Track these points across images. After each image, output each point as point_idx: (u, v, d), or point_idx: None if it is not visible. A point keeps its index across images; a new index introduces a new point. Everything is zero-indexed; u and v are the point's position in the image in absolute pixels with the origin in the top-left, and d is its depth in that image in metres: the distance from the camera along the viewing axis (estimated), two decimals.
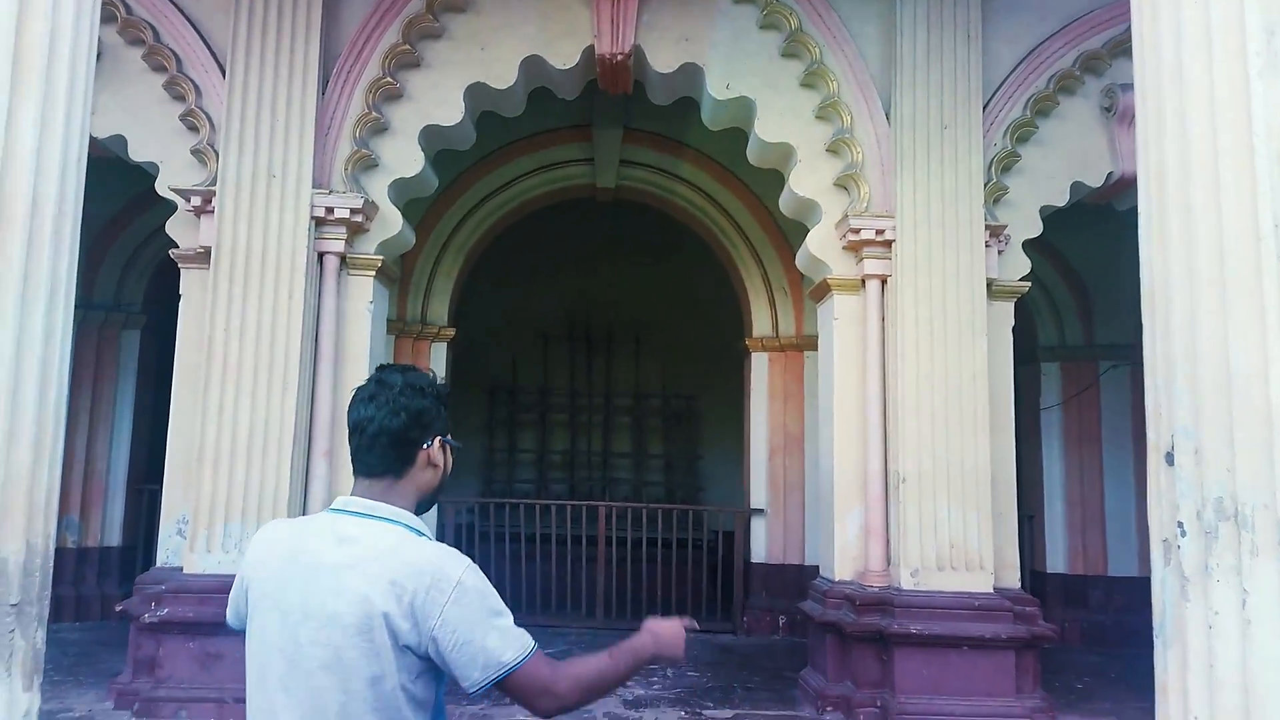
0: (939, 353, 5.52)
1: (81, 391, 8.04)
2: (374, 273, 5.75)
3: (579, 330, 12.02)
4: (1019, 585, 5.70)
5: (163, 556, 5.44)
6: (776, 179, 6.22)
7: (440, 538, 8.30)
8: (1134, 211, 2.41)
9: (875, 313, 5.73)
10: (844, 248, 5.84)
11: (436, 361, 8.35)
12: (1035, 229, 5.91)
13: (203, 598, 4.99)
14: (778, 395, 8.38)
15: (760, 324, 8.55)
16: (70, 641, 6.93)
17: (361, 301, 5.72)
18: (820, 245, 5.88)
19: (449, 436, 1.82)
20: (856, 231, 5.64)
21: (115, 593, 7.67)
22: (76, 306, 7.03)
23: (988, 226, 5.65)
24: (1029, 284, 5.92)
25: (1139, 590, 8.42)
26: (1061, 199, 5.95)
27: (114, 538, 8.11)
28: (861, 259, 5.74)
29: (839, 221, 5.81)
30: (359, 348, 5.67)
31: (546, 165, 8.42)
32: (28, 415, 1.99)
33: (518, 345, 11.83)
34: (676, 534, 8.66)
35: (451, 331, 8.41)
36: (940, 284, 5.57)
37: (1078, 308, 8.64)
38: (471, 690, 1.61)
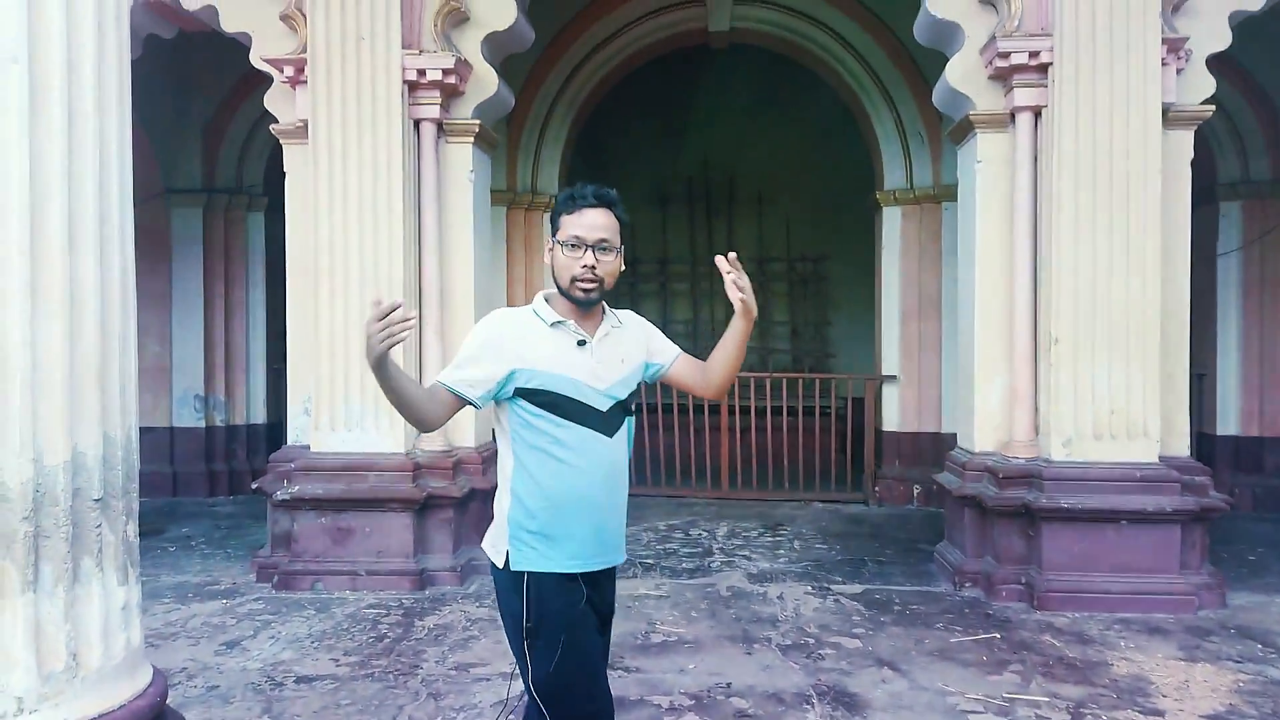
0: (1103, 195, 4.82)
1: (214, 276, 8.26)
2: (472, 139, 5.45)
3: (698, 192, 11.51)
4: (1188, 453, 5.12)
5: (292, 435, 5.54)
6: (914, 6, 5.47)
7: None
8: None
9: (1026, 152, 5.04)
10: (990, 77, 5.12)
11: (549, 233, 8.10)
12: (1223, 40, 4.99)
13: (331, 475, 5.07)
14: (912, 253, 7.75)
15: (893, 175, 7.85)
16: (224, 515, 7.35)
17: (461, 170, 5.46)
18: (962, 75, 5.17)
19: (554, 238, 2.14)
20: (1005, 56, 4.90)
21: (263, 468, 8.05)
22: (199, 190, 7.08)
23: (1165, 40, 4.79)
24: (1212, 108, 5.04)
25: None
26: (1257, 3, 4.98)
27: (259, 415, 8.46)
28: (1011, 89, 5.01)
29: (984, 46, 5.07)
30: (462, 220, 5.45)
31: (655, 10, 7.78)
32: (90, 299, 1.81)
33: (634, 212, 11.29)
34: (803, 402, 8.33)
35: None
36: (1106, 113, 4.80)
37: (1266, 136, 7.49)
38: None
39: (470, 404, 2.08)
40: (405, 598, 4.85)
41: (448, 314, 5.41)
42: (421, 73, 5.18)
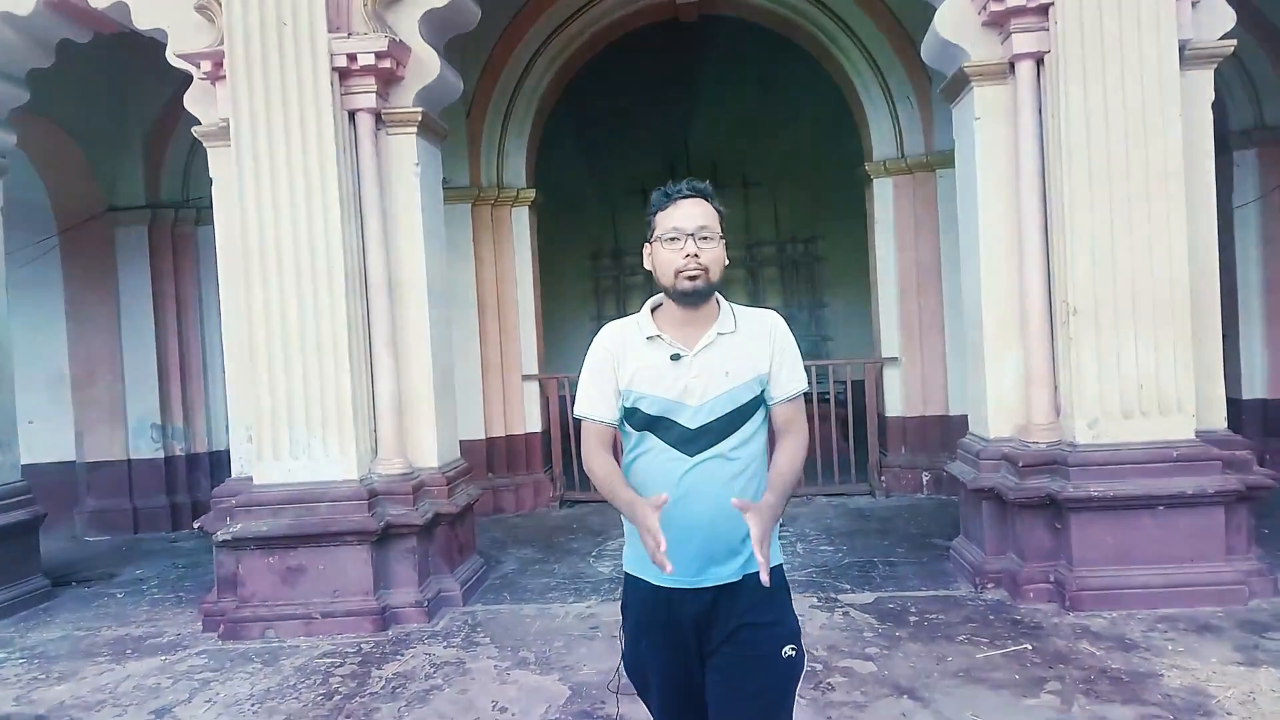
0: (1118, 146, 4.31)
1: (165, 297, 7.76)
2: (415, 129, 4.94)
3: (679, 176, 10.98)
4: (1224, 426, 4.62)
5: (236, 466, 5.05)
6: None
7: (548, 408, 7.77)
8: None
9: (1029, 103, 4.52)
10: (984, 24, 4.60)
11: (519, 228, 7.62)
12: None
13: (276, 509, 4.57)
14: (906, 225, 7.24)
15: (882, 145, 7.33)
16: (184, 552, 6.85)
17: (405, 164, 4.95)
18: (953, 24, 4.66)
19: (651, 238, 2.02)
20: None
21: None
22: (143, 207, 6.53)
23: None
24: (1233, 43, 4.52)
25: None
26: None
27: (221, 441, 7.95)
28: (1009, 35, 4.50)
29: None
30: (410, 218, 4.95)
31: None
32: None
33: (616, 201, 10.95)
34: None
35: (531, 194, 7.61)
36: (1117, 54, 4.29)
37: None
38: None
39: (614, 427, 2.07)
40: (365, 641, 4.35)
41: (400, 319, 4.91)
42: (352, 58, 4.67)
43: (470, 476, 5.46)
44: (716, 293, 2.02)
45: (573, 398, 7.26)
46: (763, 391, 2.02)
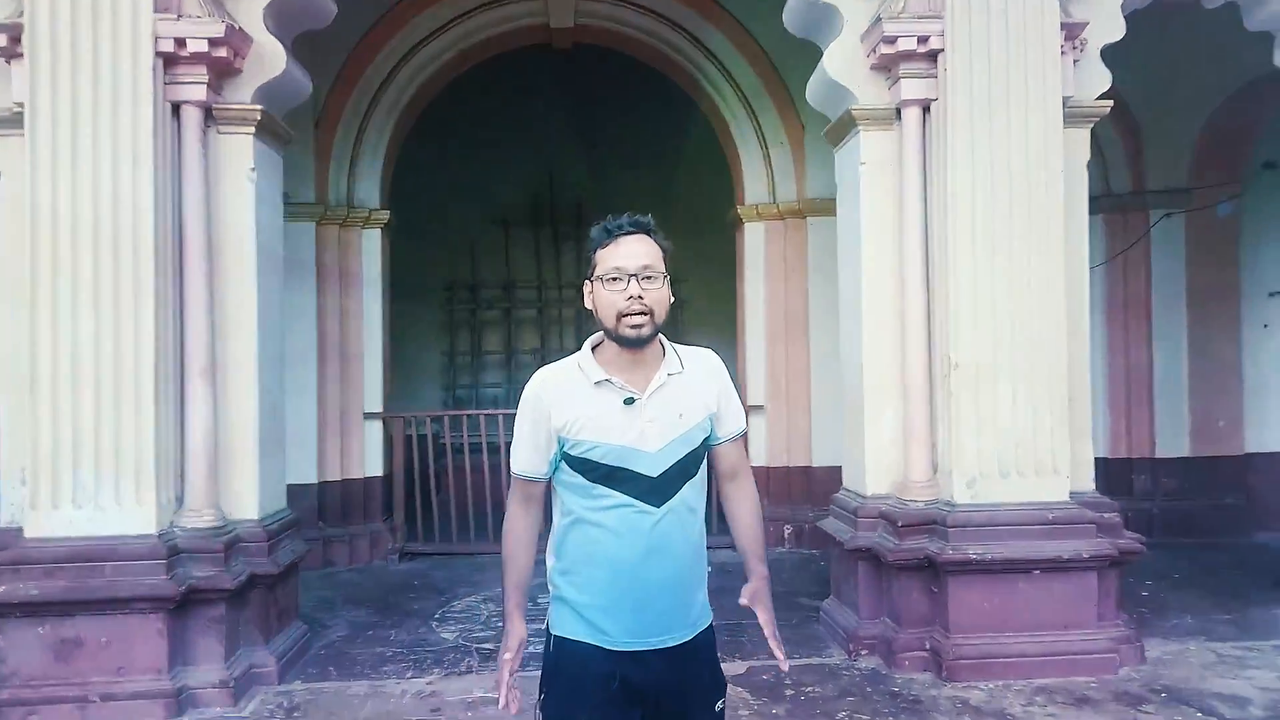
0: (1001, 199, 4.24)
1: None
2: (253, 129, 4.33)
3: (543, 212, 10.62)
4: (1093, 487, 4.59)
5: (7, 515, 4.19)
6: (772, 7, 4.83)
7: (392, 450, 7.11)
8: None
9: (915, 151, 4.41)
10: (873, 67, 4.48)
11: (369, 251, 7.00)
12: (1118, 30, 4.54)
13: (51, 569, 3.79)
14: (777, 272, 7.10)
15: (754, 189, 7.20)
16: None
17: (239, 168, 4.32)
18: (842, 65, 4.51)
19: (591, 276, 1.93)
20: (892, 41, 4.26)
21: None
22: None
23: (1063, 26, 4.28)
24: (1109, 104, 4.58)
25: (1190, 473, 7.45)
26: None
27: None
28: (897, 80, 4.38)
29: (866, 31, 4.42)
30: (241, 230, 4.30)
31: (491, 1, 6.85)
32: None
33: (475, 232, 10.43)
34: None
35: (385, 215, 7.02)
36: (1004, 106, 4.23)
37: (1125, 147, 7.30)
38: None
39: (543, 481, 2.00)
40: None
41: (222, 345, 4.24)
42: (181, 43, 4.04)
43: (297, 529, 4.79)
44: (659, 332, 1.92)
45: (419, 437, 6.67)
46: (711, 432, 1.99)
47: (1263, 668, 4.18)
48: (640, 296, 1.83)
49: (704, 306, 10.30)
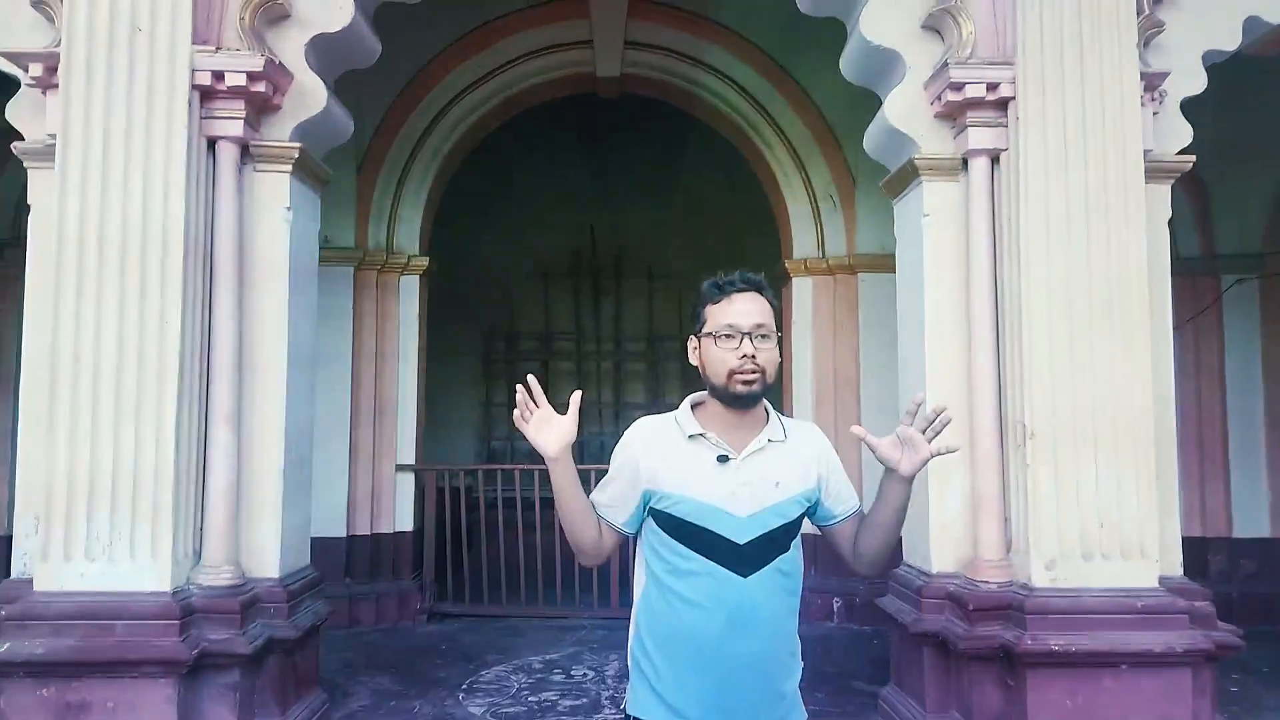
0: (1078, 254, 3.94)
1: None
2: (290, 167, 4.18)
3: (584, 264, 10.46)
4: (1181, 571, 4.19)
5: (18, 563, 3.98)
6: (822, 58, 4.64)
7: (424, 503, 6.85)
8: None
9: (982, 204, 4.14)
10: (937, 115, 4.24)
11: (407, 298, 6.85)
12: (1198, 83, 4.27)
13: (59, 626, 3.55)
14: (825, 328, 6.83)
15: (803, 243, 6.96)
16: None
17: (275, 207, 4.16)
18: (903, 112, 4.27)
19: (700, 332, 1.91)
20: (959, 88, 4.03)
21: None
22: None
23: (1142, 76, 4.02)
24: (1192, 159, 4.29)
25: (1271, 554, 6.95)
26: (1233, 41, 4.30)
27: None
28: (964, 129, 4.13)
29: (931, 77, 4.20)
30: (274, 270, 4.13)
31: (540, 49, 6.77)
32: None
33: (514, 282, 10.30)
34: None
35: (424, 262, 6.88)
36: (1080, 159, 3.96)
37: (1194, 209, 6.98)
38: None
39: (619, 531, 1.92)
40: None
41: (250, 390, 4.04)
42: (219, 76, 3.92)
43: (319, 588, 4.52)
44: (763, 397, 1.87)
45: (453, 490, 6.41)
46: (806, 511, 1.90)
47: None
48: (754, 355, 1.81)
49: None
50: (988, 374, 4.10)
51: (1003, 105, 4.07)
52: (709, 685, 1.77)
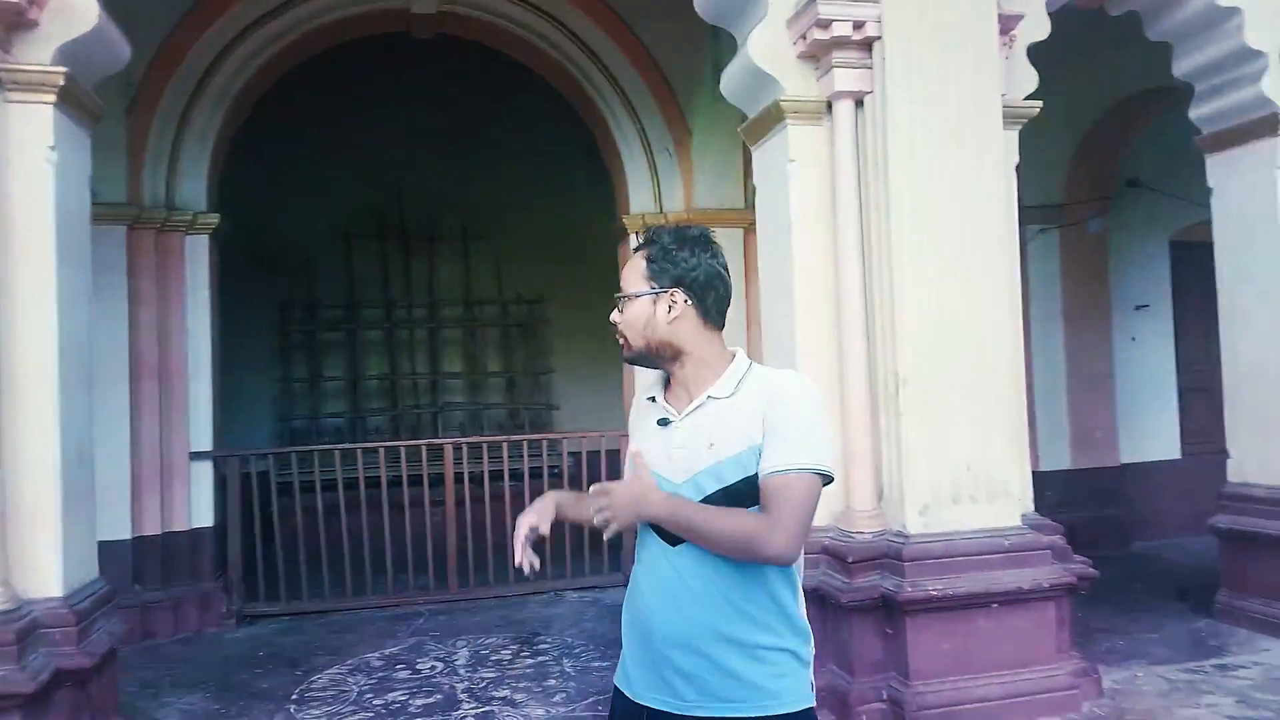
0: (942, 200, 3.90)
1: None
2: (54, 97, 3.39)
3: (391, 225, 9.68)
4: (1033, 508, 4.32)
5: None
6: (658, 5, 4.35)
7: (225, 494, 6.05)
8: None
9: (848, 148, 4.02)
10: (801, 55, 4.05)
11: (195, 262, 5.98)
12: (1043, 29, 4.37)
13: None
14: None
15: (639, 198, 6.70)
16: None
17: (34, 145, 3.37)
18: (766, 52, 4.06)
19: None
20: (826, 25, 3.85)
21: None
22: None
23: (1000, 17, 4.02)
24: (1038, 104, 4.37)
25: (1072, 485, 7.44)
26: None
27: None
28: (830, 70, 3.97)
29: (795, 15, 4.00)
30: (37, 230, 3.35)
31: None
32: None
33: (314, 245, 9.34)
34: (521, 464, 6.88)
35: (213, 220, 6.02)
36: (942, 102, 3.90)
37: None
38: None
39: None
40: None
41: (9, 379, 3.27)
42: None
43: (114, 604, 3.79)
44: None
45: (259, 475, 5.72)
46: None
47: (1216, 692, 4.01)
48: (617, 322, 1.78)
49: (568, 325, 9.73)
50: (857, 323, 4.00)
51: (867, 46, 3.94)
52: (648, 658, 1.70)
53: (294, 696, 4.46)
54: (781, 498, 1.60)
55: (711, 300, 1.74)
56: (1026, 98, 4.33)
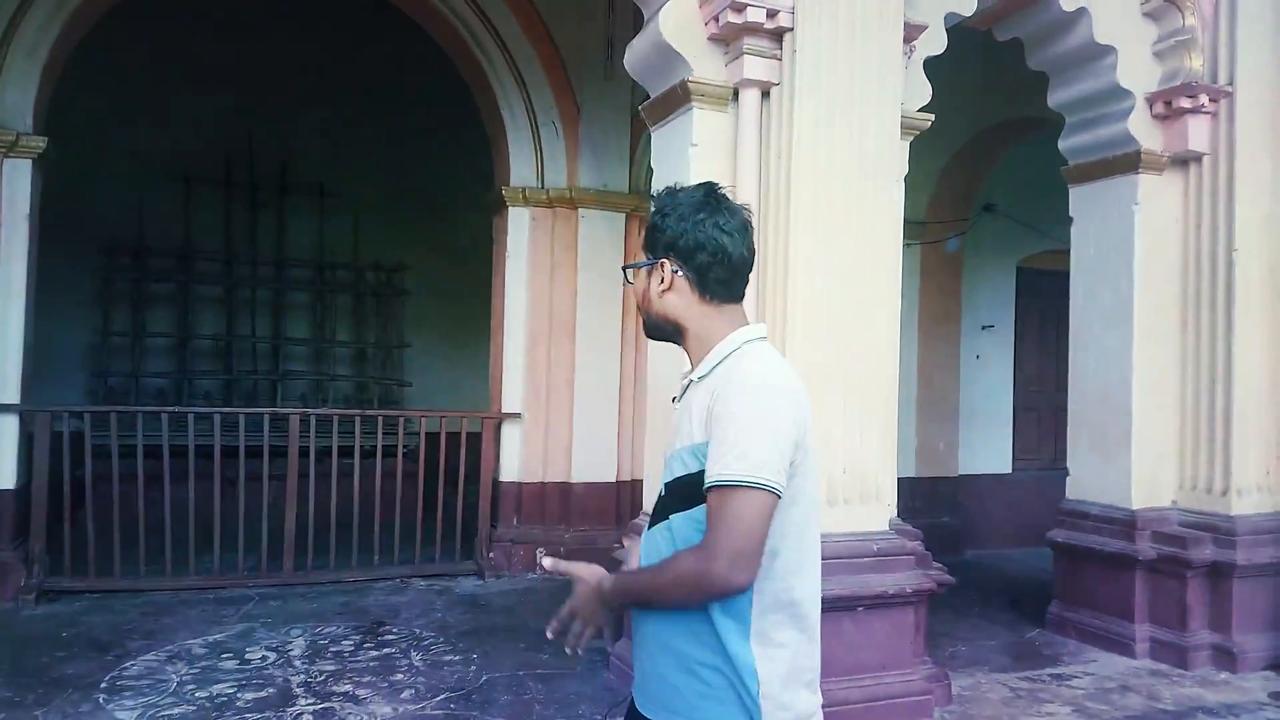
0: (840, 200, 3.88)
1: None
2: None
3: (239, 171, 8.93)
4: (897, 514, 4.40)
5: None
6: None
7: (30, 454, 5.38)
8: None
9: (751, 138, 3.93)
10: (711, 37, 3.94)
11: (14, 188, 5.27)
12: (939, 44, 4.42)
13: None
14: (543, 266, 6.39)
15: (521, 171, 6.43)
16: None
17: None
18: (676, 29, 3.91)
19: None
20: (740, 9, 3.74)
21: None
22: None
23: (905, 25, 4.04)
24: (930, 117, 4.44)
25: (916, 494, 7.67)
26: (970, 7, 4.51)
27: None
28: (739, 56, 3.87)
29: None
30: None
31: None
32: None
33: (148, 185, 8.47)
34: (370, 442, 6.50)
35: (40, 143, 5.33)
36: (846, 103, 3.87)
37: None
38: None
39: None
40: None
41: None
42: None
43: None
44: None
45: (72, 433, 5.13)
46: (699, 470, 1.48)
47: (1055, 700, 4.21)
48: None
49: (425, 297, 9.32)
50: (749, 316, 3.92)
51: (778, 37, 3.87)
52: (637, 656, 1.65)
53: (103, 685, 3.97)
54: (716, 517, 1.41)
55: (708, 269, 1.56)
56: (919, 110, 4.38)
